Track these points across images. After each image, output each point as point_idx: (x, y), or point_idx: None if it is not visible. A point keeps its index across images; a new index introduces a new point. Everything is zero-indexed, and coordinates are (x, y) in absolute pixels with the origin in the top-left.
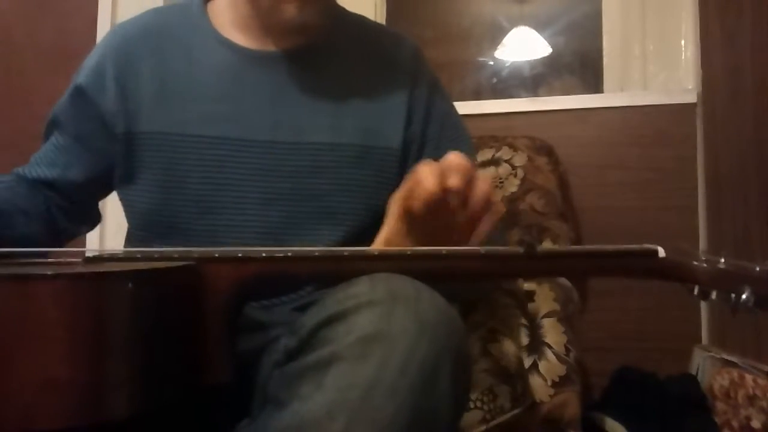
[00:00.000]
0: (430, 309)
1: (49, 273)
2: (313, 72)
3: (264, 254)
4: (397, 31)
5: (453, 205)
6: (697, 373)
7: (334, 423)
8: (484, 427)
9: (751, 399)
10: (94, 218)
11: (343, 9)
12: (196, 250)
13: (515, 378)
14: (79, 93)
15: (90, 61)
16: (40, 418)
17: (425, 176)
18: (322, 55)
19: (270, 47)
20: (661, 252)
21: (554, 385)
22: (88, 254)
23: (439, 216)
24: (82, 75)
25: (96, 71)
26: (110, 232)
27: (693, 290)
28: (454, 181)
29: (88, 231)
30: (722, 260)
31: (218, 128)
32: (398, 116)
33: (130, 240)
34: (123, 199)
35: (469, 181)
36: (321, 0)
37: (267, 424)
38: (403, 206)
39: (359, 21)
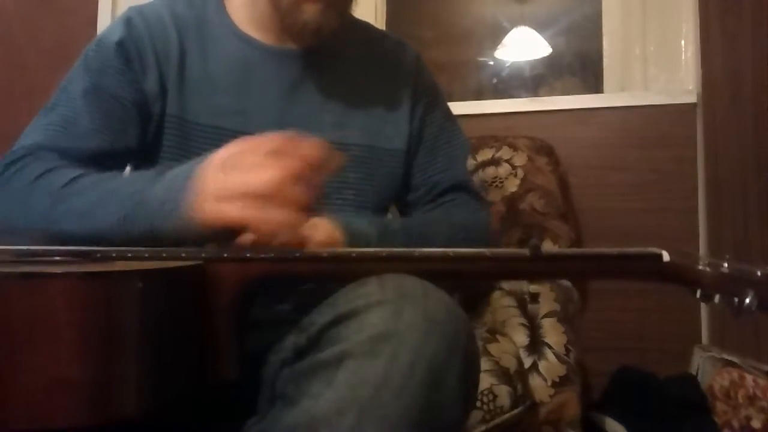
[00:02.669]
0: (439, 307)
1: (58, 271)
2: (322, 72)
3: (272, 254)
4: (400, 37)
5: None
6: (697, 373)
7: (344, 420)
8: (484, 427)
9: (751, 399)
10: None
11: (351, 14)
12: (204, 249)
13: (515, 378)
14: (122, 51)
15: (117, 23)
16: (49, 417)
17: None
18: (331, 56)
19: (285, 45)
20: (666, 256)
21: (554, 385)
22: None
23: None
24: (117, 34)
25: (134, 43)
26: None
27: (696, 293)
28: None
29: None
30: (725, 264)
31: (228, 120)
32: (402, 118)
33: None
34: None
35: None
36: (341, 4)
37: (277, 421)
38: None
39: (365, 26)
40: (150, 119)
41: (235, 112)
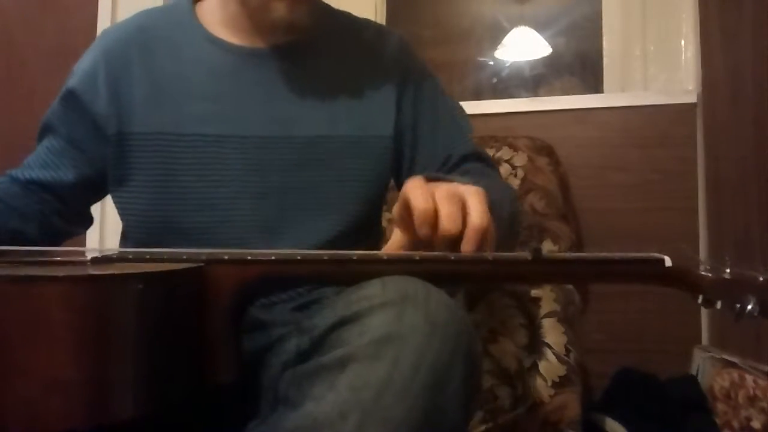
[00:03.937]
0: (441, 310)
1: (58, 275)
2: (302, 67)
3: (273, 257)
4: (383, 25)
5: (447, 229)
6: (697, 374)
7: (347, 423)
8: (484, 428)
9: (752, 399)
10: (87, 220)
11: (328, 5)
12: (205, 252)
13: (515, 379)
14: (71, 97)
15: (81, 64)
16: (47, 419)
17: (415, 198)
18: (310, 50)
19: (259, 44)
20: (668, 261)
21: (554, 385)
22: (96, 254)
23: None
24: (74, 79)
25: (88, 75)
26: (110, 231)
27: (697, 299)
28: (444, 209)
29: (81, 232)
30: (727, 269)
31: (212, 126)
32: (388, 105)
33: (125, 239)
34: (117, 201)
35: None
36: None
37: (279, 424)
38: (401, 226)
39: (344, 16)
40: (108, 142)
41: (217, 117)
